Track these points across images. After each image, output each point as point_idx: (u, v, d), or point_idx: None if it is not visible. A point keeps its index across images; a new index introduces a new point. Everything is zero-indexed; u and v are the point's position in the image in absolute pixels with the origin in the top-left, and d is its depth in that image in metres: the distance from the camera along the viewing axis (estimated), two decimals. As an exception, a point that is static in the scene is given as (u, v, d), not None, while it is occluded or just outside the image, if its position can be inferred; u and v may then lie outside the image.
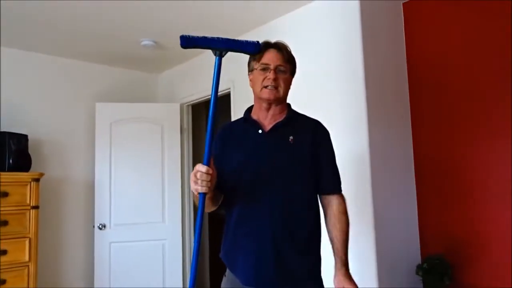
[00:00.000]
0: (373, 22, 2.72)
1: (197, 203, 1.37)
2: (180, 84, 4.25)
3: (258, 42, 1.40)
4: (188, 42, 1.36)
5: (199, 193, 1.35)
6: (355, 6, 2.65)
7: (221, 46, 1.37)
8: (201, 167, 1.34)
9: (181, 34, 1.39)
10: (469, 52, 2.60)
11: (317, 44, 2.87)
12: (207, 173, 1.33)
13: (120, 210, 3.81)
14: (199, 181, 1.34)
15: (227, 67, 3.52)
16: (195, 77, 4.04)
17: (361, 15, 2.63)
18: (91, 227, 3.86)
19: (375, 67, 2.68)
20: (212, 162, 1.37)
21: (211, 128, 1.37)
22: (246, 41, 1.39)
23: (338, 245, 1.57)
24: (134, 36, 3.45)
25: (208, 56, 3.85)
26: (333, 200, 1.62)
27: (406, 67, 2.93)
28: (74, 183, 3.86)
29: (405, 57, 2.94)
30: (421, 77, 2.85)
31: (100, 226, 3.75)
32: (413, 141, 2.87)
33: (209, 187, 1.35)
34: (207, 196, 1.39)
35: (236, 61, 2.13)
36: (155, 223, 3.88)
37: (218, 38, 1.37)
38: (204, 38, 1.37)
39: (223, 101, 3.94)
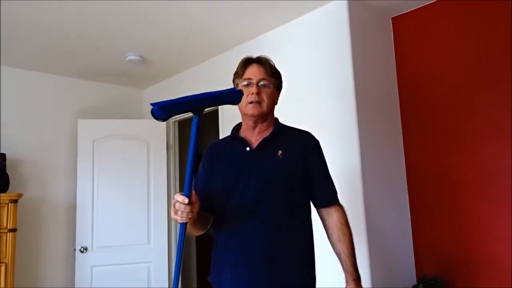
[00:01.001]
0: (362, 38, 2.78)
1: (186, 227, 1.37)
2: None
3: (240, 90, 1.34)
4: (166, 112, 1.22)
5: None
6: (344, 22, 2.71)
7: (201, 105, 1.26)
8: (179, 197, 1.32)
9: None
10: (457, 63, 2.68)
11: (305, 61, 2.91)
12: (184, 204, 1.31)
13: (103, 232, 3.78)
14: (179, 212, 1.32)
15: (216, 82, 3.56)
16: (182, 92, 4.02)
17: (350, 31, 2.68)
18: (72, 250, 3.81)
19: (365, 81, 2.73)
20: (194, 192, 1.34)
21: (190, 165, 1.30)
22: (228, 92, 1.29)
23: (346, 259, 1.58)
24: (119, 50, 3.47)
25: (195, 70, 3.91)
26: (332, 212, 1.63)
27: (396, 81, 2.99)
28: (55, 204, 3.82)
29: (395, 70, 3.00)
30: (411, 90, 2.91)
31: (82, 249, 3.70)
32: (404, 155, 2.91)
33: (190, 218, 1.33)
34: (191, 223, 1.38)
35: (223, 78, 2.16)
36: (140, 245, 3.84)
37: (196, 96, 1.24)
38: (181, 101, 1.23)
39: (210, 118, 3.97)
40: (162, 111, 1.22)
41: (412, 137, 2.89)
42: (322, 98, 2.79)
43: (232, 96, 1.31)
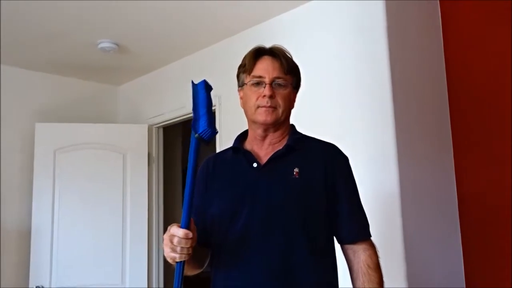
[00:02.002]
0: (402, 24, 2.78)
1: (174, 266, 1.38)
2: (147, 100, 4.26)
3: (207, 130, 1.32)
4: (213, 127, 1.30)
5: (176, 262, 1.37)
6: (378, 4, 2.70)
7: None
8: (177, 231, 1.33)
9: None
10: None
11: (326, 52, 2.91)
12: (186, 239, 1.33)
13: (65, 268, 3.75)
14: (178, 248, 1.33)
15: (212, 79, 3.54)
16: (167, 90, 4.06)
17: (386, 15, 2.67)
18: (24, 291, 3.77)
19: (405, 80, 2.72)
20: (193, 224, 1.37)
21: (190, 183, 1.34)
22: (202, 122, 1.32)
23: None
24: (88, 36, 3.47)
25: (186, 62, 3.90)
26: (359, 251, 1.60)
27: (445, 79, 2.98)
28: (3, 231, 3.79)
29: (444, 66, 2.98)
30: (466, 92, 2.89)
31: (37, 290, 3.68)
32: (456, 176, 2.89)
33: (189, 254, 1.35)
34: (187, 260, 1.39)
35: (224, 72, 2.14)
36: (112, 286, 3.82)
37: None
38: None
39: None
40: (212, 126, 1.29)
41: (466, 152, 2.87)
42: (348, 101, 2.79)
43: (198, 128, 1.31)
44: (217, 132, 1.32)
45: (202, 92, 1.37)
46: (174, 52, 3.82)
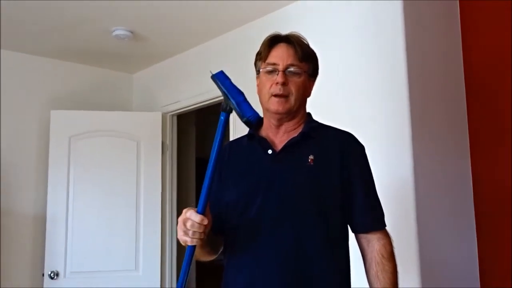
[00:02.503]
0: (418, 13, 2.75)
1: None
2: (161, 88, 4.26)
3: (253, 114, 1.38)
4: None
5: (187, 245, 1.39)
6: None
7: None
8: (193, 216, 1.35)
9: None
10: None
11: (342, 37, 2.90)
12: (200, 224, 1.35)
13: (79, 254, 3.78)
14: (190, 232, 1.35)
15: (227, 66, 3.53)
16: (182, 78, 4.05)
17: (403, 4, 2.65)
18: (39, 275, 3.82)
19: (421, 64, 2.70)
20: (208, 211, 1.39)
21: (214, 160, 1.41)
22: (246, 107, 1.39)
23: None
24: (103, 23, 3.47)
25: (198, 51, 3.89)
26: (374, 240, 1.60)
27: (462, 69, 2.95)
28: (19, 217, 3.84)
29: (461, 55, 2.96)
30: (484, 84, 2.86)
31: (52, 274, 3.71)
32: (471, 165, 2.87)
33: (201, 238, 1.37)
34: (199, 244, 1.41)
35: (240, 60, 2.13)
36: (126, 271, 3.85)
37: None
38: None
39: (219, 112, 3.95)
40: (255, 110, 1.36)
41: (482, 139, 2.84)
42: (362, 90, 2.77)
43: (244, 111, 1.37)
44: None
45: (227, 80, 1.40)
46: (189, 39, 3.81)
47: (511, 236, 2.68)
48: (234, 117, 3.59)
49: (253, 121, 1.33)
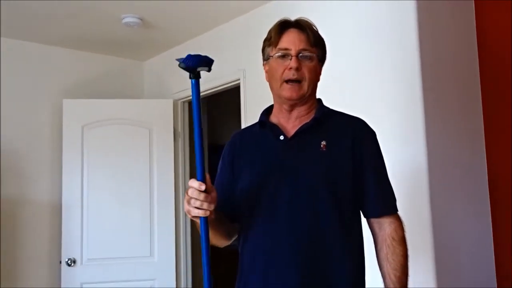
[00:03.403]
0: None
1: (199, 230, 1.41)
2: (173, 75, 4.25)
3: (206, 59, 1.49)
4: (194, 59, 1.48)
5: (199, 218, 1.40)
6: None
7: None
8: (193, 183, 1.39)
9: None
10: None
11: (355, 23, 2.88)
12: (199, 190, 1.36)
13: (95, 241, 3.82)
14: (192, 201, 1.37)
15: (236, 53, 3.51)
16: (193, 64, 4.04)
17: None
18: (57, 263, 3.86)
19: (434, 50, 2.67)
20: (208, 177, 1.41)
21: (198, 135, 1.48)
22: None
23: (391, 286, 1.55)
24: (113, 11, 3.46)
25: (208, 38, 3.87)
26: (385, 224, 1.60)
27: (476, 52, 2.92)
28: (35, 206, 3.87)
29: (476, 37, 2.92)
30: (498, 66, 2.82)
31: (69, 261, 3.76)
32: (486, 149, 2.84)
33: (205, 209, 1.37)
34: (211, 225, 1.42)
35: (248, 46, 2.13)
36: (141, 258, 3.88)
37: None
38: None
39: (231, 98, 3.93)
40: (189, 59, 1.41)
41: (497, 126, 2.81)
42: (374, 74, 2.75)
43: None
44: (201, 56, 1.49)
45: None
46: (199, 25, 3.78)
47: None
48: (244, 102, 3.60)
49: (183, 61, 1.46)
